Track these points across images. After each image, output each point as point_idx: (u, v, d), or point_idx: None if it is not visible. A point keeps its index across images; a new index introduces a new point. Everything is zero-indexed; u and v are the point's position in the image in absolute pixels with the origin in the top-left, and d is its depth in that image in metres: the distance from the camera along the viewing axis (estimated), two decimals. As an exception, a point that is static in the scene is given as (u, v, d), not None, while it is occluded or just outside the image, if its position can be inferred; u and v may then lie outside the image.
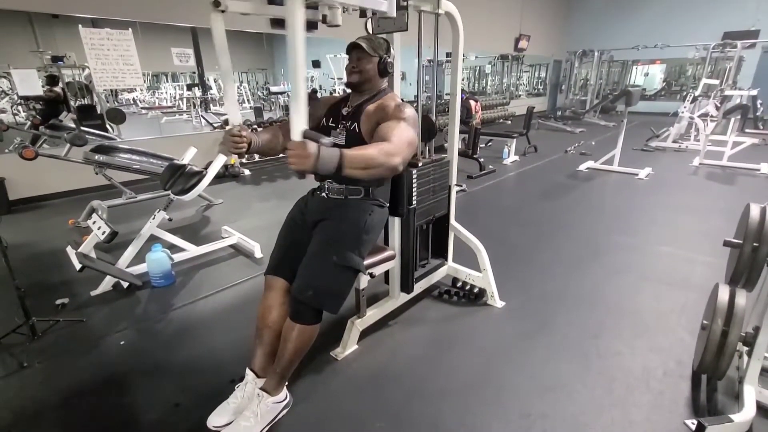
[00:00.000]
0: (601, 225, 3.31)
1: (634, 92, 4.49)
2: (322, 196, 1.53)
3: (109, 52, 4.22)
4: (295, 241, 1.52)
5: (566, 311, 2.09)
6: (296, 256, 1.46)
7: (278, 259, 1.51)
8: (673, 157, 5.94)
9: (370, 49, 1.42)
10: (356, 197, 1.49)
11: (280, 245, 1.55)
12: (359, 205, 1.49)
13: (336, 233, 1.42)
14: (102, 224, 2.17)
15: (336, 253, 1.37)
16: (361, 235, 1.45)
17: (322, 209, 1.50)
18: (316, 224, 1.49)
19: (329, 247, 1.39)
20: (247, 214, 3.74)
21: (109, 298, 2.26)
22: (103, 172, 3.24)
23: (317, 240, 1.43)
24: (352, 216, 1.46)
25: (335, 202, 1.50)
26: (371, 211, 1.49)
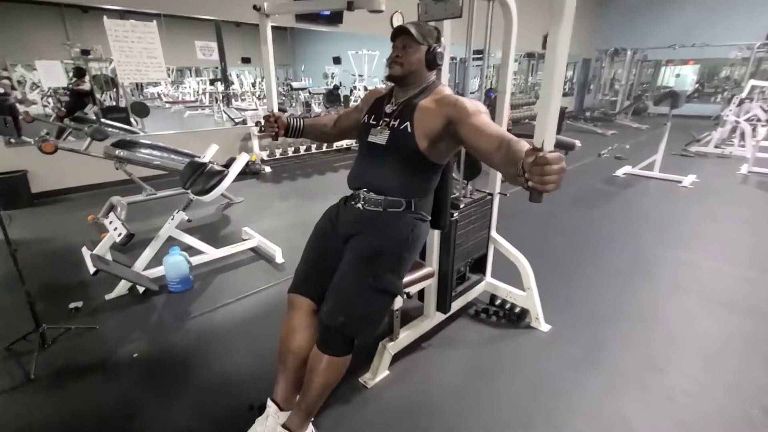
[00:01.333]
0: (647, 236, 3.04)
1: (680, 93, 4.16)
2: (356, 208, 1.34)
3: (133, 45, 4.15)
4: (323, 257, 1.34)
5: (620, 337, 1.86)
6: (325, 274, 1.29)
7: (304, 276, 1.34)
8: (716, 164, 5.55)
9: (419, 36, 1.22)
10: (396, 210, 1.30)
11: (306, 260, 1.37)
12: (400, 219, 1.30)
13: (373, 251, 1.23)
14: (119, 225, 2.06)
15: (372, 274, 1.19)
16: (402, 253, 1.26)
17: (357, 222, 1.32)
18: (349, 239, 1.31)
19: (365, 266, 1.21)
20: (267, 214, 3.61)
21: (124, 302, 2.14)
22: (123, 168, 3.15)
23: (350, 257, 1.25)
24: (393, 231, 1.27)
25: (372, 214, 1.31)
26: (414, 226, 1.31)
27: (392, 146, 1.26)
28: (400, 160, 1.26)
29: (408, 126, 1.25)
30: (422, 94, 1.29)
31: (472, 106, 1.18)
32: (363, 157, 1.36)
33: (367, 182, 1.31)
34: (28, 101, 6.42)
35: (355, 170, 1.38)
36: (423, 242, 1.38)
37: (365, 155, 1.36)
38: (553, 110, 0.73)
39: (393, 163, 1.27)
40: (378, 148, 1.29)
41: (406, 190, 1.29)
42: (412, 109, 1.26)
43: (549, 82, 0.73)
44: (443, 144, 1.25)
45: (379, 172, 1.29)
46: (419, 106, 1.26)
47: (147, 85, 14.57)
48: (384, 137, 1.28)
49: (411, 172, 1.27)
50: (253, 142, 5.30)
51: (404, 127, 1.25)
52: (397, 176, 1.27)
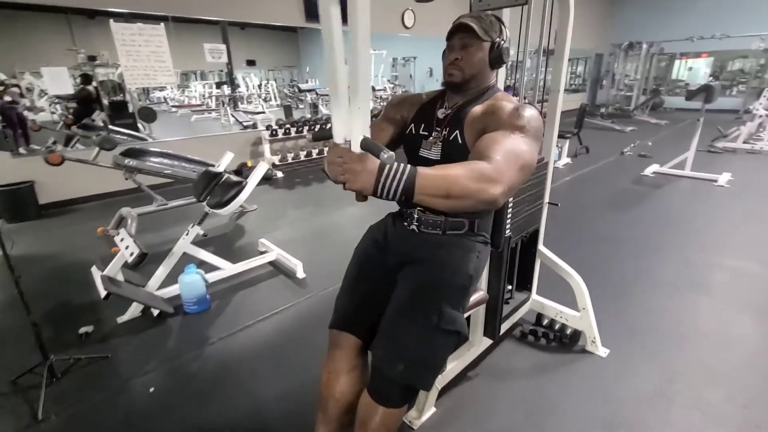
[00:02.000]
0: (691, 242, 2.82)
1: (715, 87, 3.92)
2: (410, 230, 1.15)
3: (140, 48, 4.01)
4: (371, 287, 1.15)
5: (691, 364, 1.66)
6: (373, 307, 1.11)
7: (348, 310, 1.15)
8: (748, 161, 5.29)
9: (481, 32, 1.02)
10: (458, 232, 1.11)
11: (350, 290, 1.18)
12: (463, 244, 1.11)
13: (435, 283, 1.04)
14: (130, 243, 1.89)
15: (437, 311, 1.00)
16: (467, 285, 1.07)
17: (411, 247, 1.13)
18: (402, 266, 1.12)
19: (427, 302, 1.02)
20: (282, 223, 3.44)
21: (137, 326, 1.98)
22: (133, 177, 3.00)
23: (407, 290, 1.06)
24: (456, 259, 1.08)
25: (429, 238, 1.12)
26: (478, 252, 1.11)
27: (446, 160, 1.06)
28: None
29: (458, 136, 1.05)
30: (477, 99, 1.09)
31: (509, 117, 0.95)
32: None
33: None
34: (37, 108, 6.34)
35: None
36: (483, 270, 1.19)
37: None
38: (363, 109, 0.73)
39: None
40: (431, 164, 1.09)
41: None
42: (463, 116, 1.07)
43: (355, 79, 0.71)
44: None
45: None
46: (471, 113, 1.06)
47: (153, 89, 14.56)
48: (437, 151, 1.09)
49: None
50: (264, 146, 5.14)
51: (454, 137, 1.06)
52: None
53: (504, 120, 0.96)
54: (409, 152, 1.18)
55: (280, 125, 5.22)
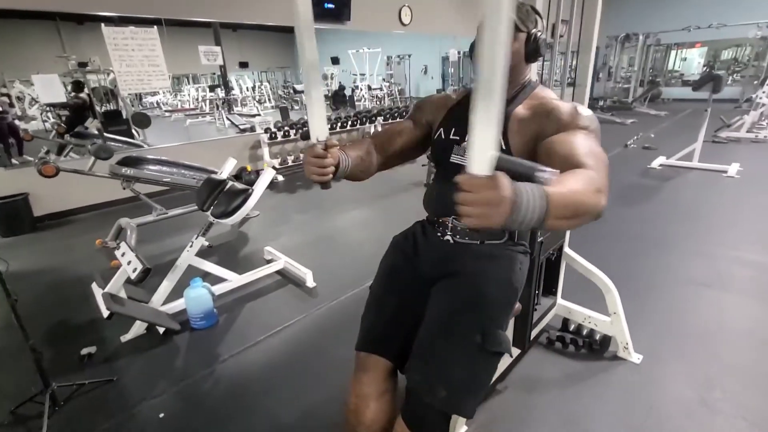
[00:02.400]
0: (711, 236, 2.74)
1: (722, 76, 3.85)
2: (444, 240, 1.06)
3: (133, 53, 3.89)
4: (402, 303, 1.05)
5: (732, 367, 1.57)
6: (405, 326, 1.01)
7: (377, 329, 1.05)
8: (754, 150, 5.23)
9: (518, 21, 0.94)
10: (497, 241, 1.02)
11: (379, 307, 1.08)
12: (503, 254, 1.01)
13: (475, 298, 0.95)
14: (132, 258, 1.79)
15: (481, 330, 0.91)
16: (510, 300, 0.98)
17: (447, 259, 1.04)
18: (436, 280, 1.03)
19: (468, 321, 0.92)
20: (287, 228, 3.34)
21: (142, 345, 1.88)
22: (131, 187, 2.89)
23: (445, 307, 0.96)
24: (497, 271, 0.99)
25: (466, 248, 1.03)
26: (520, 263, 1.02)
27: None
28: None
29: (500, 141, 0.96)
30: (517, 99, 1.00)
31: (570, 117, 0.88)
32: (445, 181, 1.06)
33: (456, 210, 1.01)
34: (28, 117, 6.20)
35: (435, 194, 1.10)
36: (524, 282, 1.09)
37: (448, 179, 1.05)
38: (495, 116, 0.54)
39: None
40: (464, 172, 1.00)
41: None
42: (505, 117, 0.97)
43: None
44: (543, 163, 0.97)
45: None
46: (513, 115, 0.97)
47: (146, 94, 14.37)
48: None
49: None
50: (264, 149, 5.04)
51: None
52: None
53: (565, 120, 0.88)
54: (438, 159, 1.09)
55: (278, 128, 5.11)
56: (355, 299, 2.18)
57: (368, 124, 6.17)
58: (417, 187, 4.27)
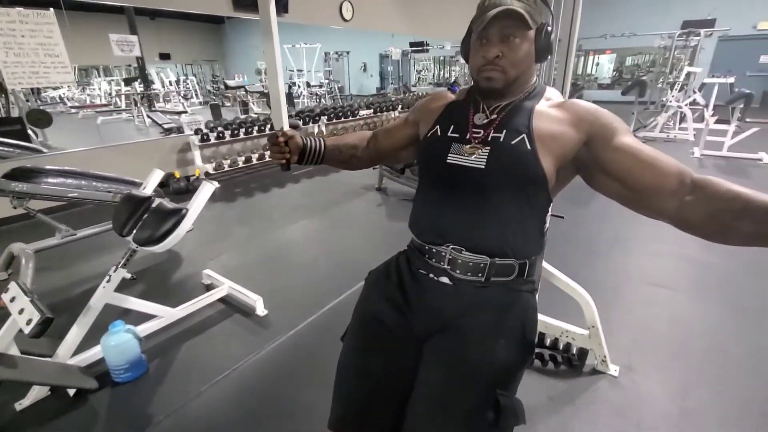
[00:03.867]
0: (655, 235, 2.90)
1: (647, 82, 4.15)
2: (439, 282, 0.86)
3: (24, 40, 3.22)
4: (387, 366, 0.83)
5: (704, 375, 1.60)
6: (391, 396, 0.81)
7: (358, 404, 0.83)
8: (668, 148, 5.79)
9: (529, 18, 0.77)
10: (505, 279, 0.84)
11: (357, 373, 0.85)
12: (515, 299, 0.84)
13: (485, 363, 0.76)
14: (26, 304, 1.39)
15: (493, 404, 0.73)
16: (528, 356, 0.82)
17: (444, 306, 0.84)
18: (431, 336, 0.83)
19: (476, 392, 0.74)
20: (228, 245, 2.96)
21: (46, 412, 1.48)
22: (24, 205, 2.35)
23: (444, 375, 0.76)
24: (511, 324, 0.81)
25: (467, 290, 0.84)
26: (532, 308, 0.86)
27: (498, 171, 0.79)
28: (512, 195, 0.80)
29: (525, 140, 0.79)
30: (530, 97, 0.86)
31: (616, 121, 0.80)
32: (438, 192, 0.87)
33: (458, 234, 0.82)
34: None
35: (426, 212, 0.89)
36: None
37: (443, 187, 0.86)
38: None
39: (498, 199, 0.80)
40: (469, 176, 0.81)
41: (522, 245, 0.82)
42: (527, 115, 0.81)
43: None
44: (568, 169, 0.84)
45: (477, 216, 0.81)
46: (536, 111, 0.82)
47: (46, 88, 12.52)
48: (481, 157, 0.81)
49: (526, 213, 0.82)
50: (194, 153, 4.51)
51: (519, 141, 0.79)
52: (509, 222, 0.80)
53: (622, 129, 0.80)
54: (432, 159, 0.89)
55: (210, 128, 4.61)
56: (314, 328, 1.94)
57: (311, 124, 5.84)
58: (369, 191, 4.08)
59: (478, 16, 0.80)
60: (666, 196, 0.73)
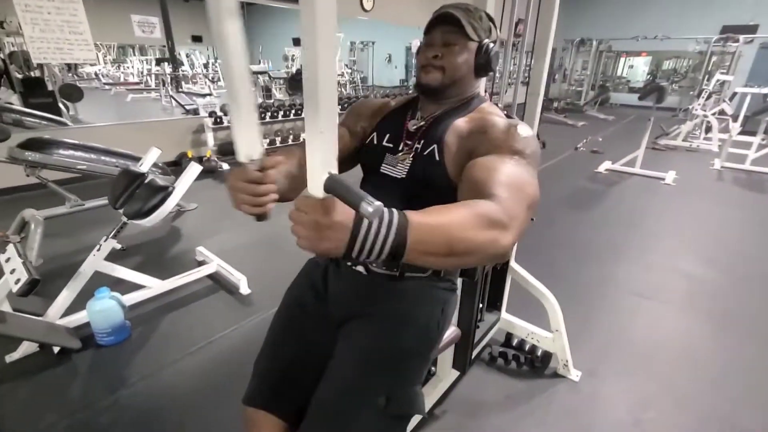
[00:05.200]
0: (650, 245, 2.83)
1: (666, 87, 4.02)
2: (355, 271, 0.90)
3: (50, 17, 3.38)
4: (301, 349, 0.88)
5: (665, 387, 1.59)
6: (304, 377, 0.85)
7: (271, 380, 0.86)
8: (689, 158, 5.58)
9: (469, 28, 0.80)
10: (420, 275, 0.88)
11: (272, 352, 0.90)
12: (426, 292, 0.88)
13: (386, 350, 0.81)
14: (18, 266, 1.50)
15: (387, 391, 0.77)
16: (430, 349, 0.86)
17: (357, 295, 0.88)
18: (345, 322, 0.87)
19: (373, 378, 0.78)
20: (226, 225, 3.07)
21: (33, 366, 1.60)
22: (37, 174, 2.50)
23: (349, 358, 0.81)
24: (417, 314, 0.85)
25: (382, 282, 0.88)
26: (444, 304, 0.89)
27: (415, 180, 0.84)
28: (425, 201, 0.84)
29: (435, 151, 0.83)
30: (460, 111, 0.87)
31: (504, 139, 0.75)
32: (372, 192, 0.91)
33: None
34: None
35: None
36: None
37: (373, 190, 0.91)
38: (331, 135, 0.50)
39: (416, 204, 0.84)
40: (395, 185, 0.86)
41: None
42: (444, 127, 0.84)
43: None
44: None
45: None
46: (453, 127, 0.84)
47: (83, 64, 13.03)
48: (403, 169, 0.86)
49: None
50: (207, 134, 4.65)
51: (430, 152, 0.83)
52: None
53: (498, 140, 0.75)
54: (368, 168, 0.93)
55: (225, 111, 4.73)
56: (293, 309, 2.01)
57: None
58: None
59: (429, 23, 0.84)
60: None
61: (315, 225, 0.50)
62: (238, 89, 0.57)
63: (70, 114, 5.90)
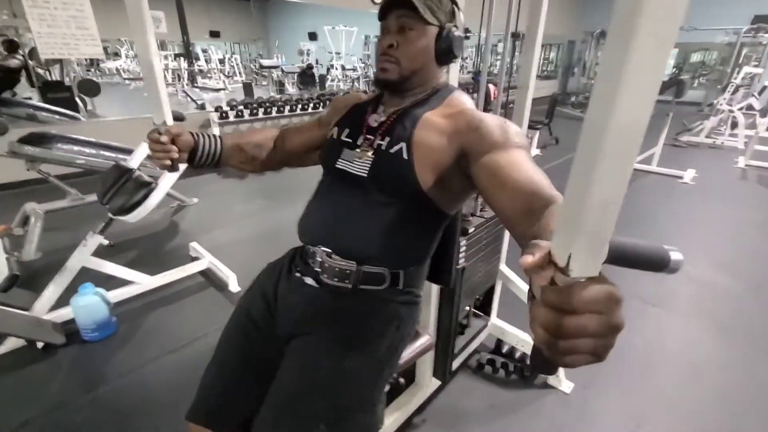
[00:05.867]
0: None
1: (686, 81, 3.81)
2: (305, 284, 0.83)
3: (56, 13, 3.42)
4: (248, 364, 0.83)
5: (662, 401, 1.49)
6: (250, 393, 0.80)
7: (214, 396, 0.82)
8: (710, 156, 5.31)
9: (425, 10, 0.73)
10: (375, 288, 0.81)
11: (218, 366, 0.84)
12: (380, 309, 0.81)
13: (328, 373, 0.74)
14: (2, 261, 1.51)
15: (326, 419, 0.71)
16: (382, 371, 0.79)
17: (307, 311, 0.81)
18: (292, 338, 0.81)
19: (314, 403, 0.72)
20: (225, 220, 3.06)
21: (17, 361, 1.61)
22: (37, 168, 2.53)
23: (293, 377, 0.75)
24: (366, 336, 0.78)
25: (332, 297, 0.81)
26: (400, 321, 0.82)
27: (377, 179, 0.77)
28: (389, 205, 0.78)
29: (403, 149, 0.76)
30: (428, 102, 0.81)
31: (501, 133, 0.70)
32: (326, 194, 0.86)
33: (329, 236, 0.80)
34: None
35: (310, 213, 0.87)
36: (411, 336, 0.90)
37: (330, 190, 0.85)
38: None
39: (376, 208, 0.78)
40: (353, 182, 0.79)
41: (395, 254, 0.79)
42: (412, 122, 0.77)
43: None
44: (458, 184, 0.77)
45: (351, 221, 0.79)
46: (423, 119, 0.77)
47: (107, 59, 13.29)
48: (364, 164, 0.79)
49: (405, 223, 0.78)
50: (214, 129, 4.66)
51: (398, 150, 0.76)
52: (382, 230, 0.77)
53: (499, 138, 0.69)
54: (325, 163, 0.87)
55: (231, 106, 4.74)
56: (280, 308, 1.98)
57: (321, 110, 5.86)
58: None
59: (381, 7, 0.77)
60: (517, 221, 0.59)
61: (612, 328, 0.32)
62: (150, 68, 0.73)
63: (88, 109, 6.02)
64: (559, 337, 0.30)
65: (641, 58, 0.23)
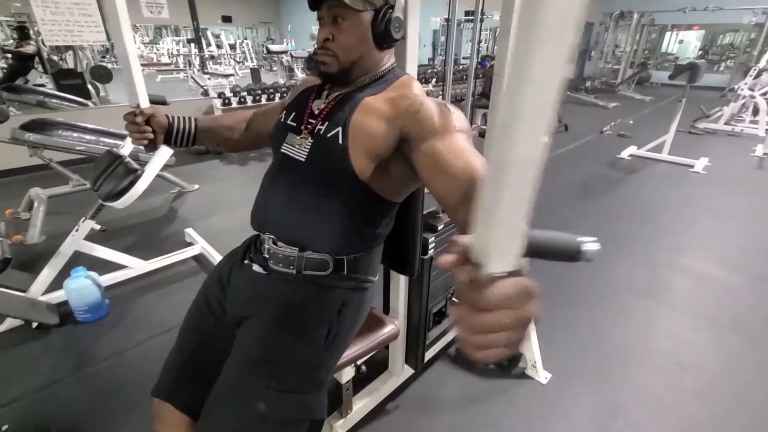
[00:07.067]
0: (659, 238, 2.62)
1: (701, 65, 3.64)
2: (252, 270, 0.86)
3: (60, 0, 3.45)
4: (203, 344, 0.86)
5: (642, 395, 1.47)
6: (206, 373, 0.82)
7: (173, 373, 0.86)
8: (727, 144, 5.11)
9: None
10: (319, 274, 0.82)
11: (178, 345, 0.89)
12: (322, 294, 0.82)
13: (269, 354, 0.76)
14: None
15: (266, 396, 0.73)
16: (322, 354, 0.80)
17: (254, 296, 0.84)
18: (241, 321, 0.83)
19: (256, 379, 0.75)
20: (224, 206, 3.10)
21: (13, 340, 1.69)
22: (39, 154, 2.60)
23: (238, 359, 0.78)
24: (302, 318, 0.80)
25: (279, 281, 0.83)
26: (342, 304, 0.83)
27: (314, 165, 0.78)
28: (326, 191, 0.78)
29: (339, 134, 0.75)
30: (371, 86, 0.79)
31: (441, 118, 0.69)
32: (273, 179, 0.86)
33: (273, 223, 0.82)
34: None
35: (258, 199, 0.88)
36: (361, 321, 0.91)
37: (276, 175, 0.86)
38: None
39: (314, 194, 0.79)
40: (294, 167, 0.80)
41: (336, 241, 0.80)
42: (351, 106, 0.77)
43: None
44: (399, 170, 0.76)
45: (291, 207, 0.80)
46: (363, 103, 0.76)
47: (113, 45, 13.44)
48: (303, 149, 0.79)
49: (344, 210, 0.78)
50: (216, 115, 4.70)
51: (333, 134, 0.76)
52: (321, 217, 0.78)
53: (439, 123, 0.69)
54: (273, 147, 0.88)
55: (234, 92, 4.75)
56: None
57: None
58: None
59: None
60: (455, 208, 0.61)
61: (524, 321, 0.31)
62: (125, 52, 0.82)
63: (100, 95, 6.12)
64: (474, 334, 0.31)
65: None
